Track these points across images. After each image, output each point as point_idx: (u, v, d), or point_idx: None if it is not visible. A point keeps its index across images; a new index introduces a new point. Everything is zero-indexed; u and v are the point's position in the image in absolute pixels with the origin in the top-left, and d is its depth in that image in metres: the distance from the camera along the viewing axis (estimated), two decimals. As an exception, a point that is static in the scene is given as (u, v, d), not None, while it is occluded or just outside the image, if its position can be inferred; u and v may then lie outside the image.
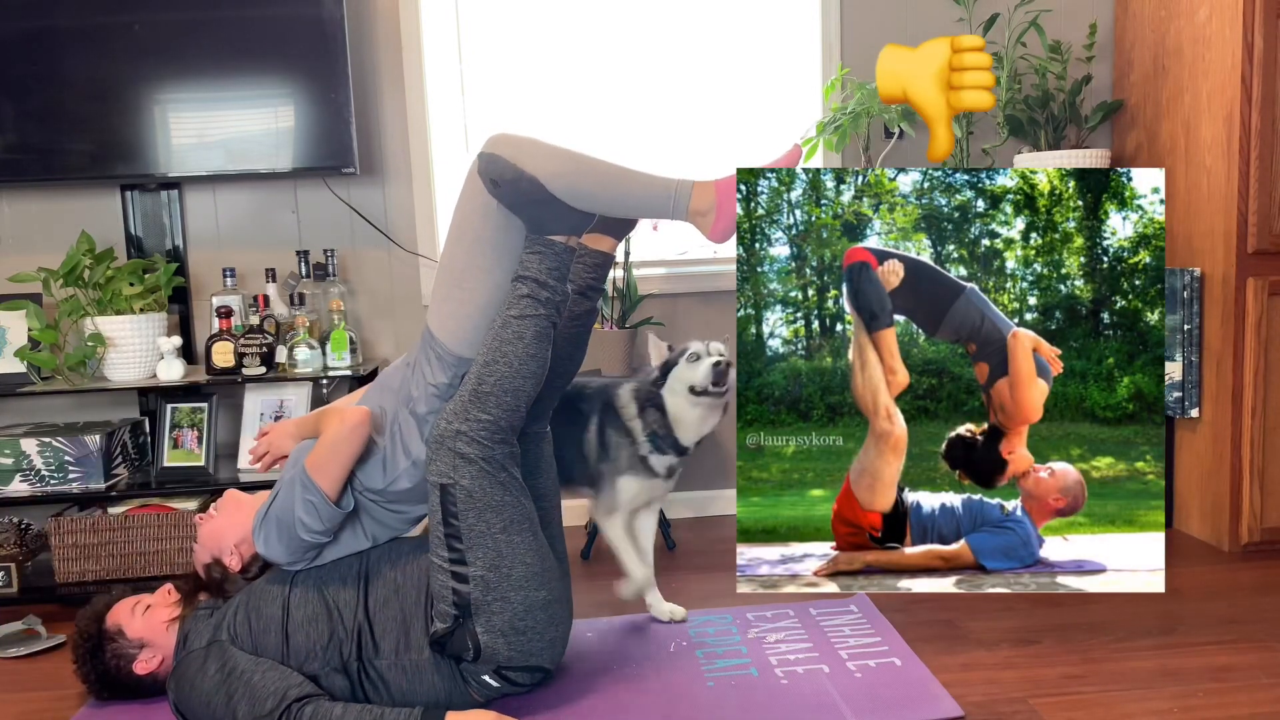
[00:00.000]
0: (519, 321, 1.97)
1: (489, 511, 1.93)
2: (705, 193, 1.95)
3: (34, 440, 2.76)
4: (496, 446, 1.96)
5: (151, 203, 3.10)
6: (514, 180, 1.92)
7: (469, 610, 1.92)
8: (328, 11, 2.90)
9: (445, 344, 2.02)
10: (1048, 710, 1.97)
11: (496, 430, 1.95)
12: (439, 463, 1.94)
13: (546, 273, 1.99)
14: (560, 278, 2.01)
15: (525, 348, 1.96)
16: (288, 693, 1.85)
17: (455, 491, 1.93)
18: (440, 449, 1.94)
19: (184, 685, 1.94)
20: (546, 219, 1.97)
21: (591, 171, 1.96)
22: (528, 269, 1.99)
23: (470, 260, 2.01)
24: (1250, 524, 2.83)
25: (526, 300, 1.97)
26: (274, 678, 1.89)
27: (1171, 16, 2.99)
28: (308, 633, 1.98)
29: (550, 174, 1.93)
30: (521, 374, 1.97)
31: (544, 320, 1.99)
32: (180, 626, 2.06)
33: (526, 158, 1.93)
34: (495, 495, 1.94)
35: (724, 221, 1.97)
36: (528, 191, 1.93)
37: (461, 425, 1.94)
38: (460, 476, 1.93)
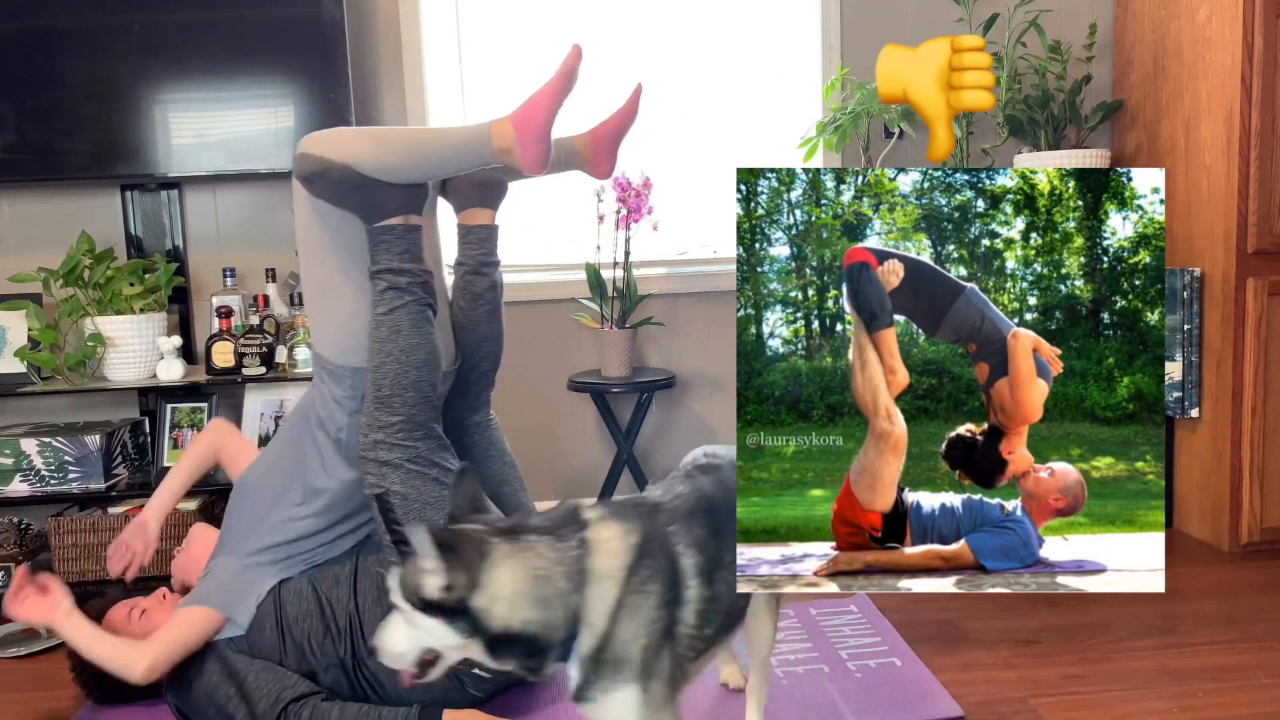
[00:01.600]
0: (390, 316, 1.94)
1: (428, 509, 1.92)
2: (504, 129, 1.94)
3: (34, 440, 2.76)
4: (418, 443, 1.94)
5: (151, 203, 3.10)
6: (324, 171, 1.91)
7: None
8: (328, 11, 2.90)
9: (329, 358, 2.01)
10: (1048, 710, 1.97)
11: (412, 426, 1.94)
12: (368, 475, 1.94)
13: (397, 258, 1.95)
14: (413, 258, 1.97)
15: (406, 339, 1.94)
16: (281, 695, 1.85)
17: (389, 499, 1.92)
18: (366, 463, 1.94)
19: (182, 688, 1.94)
20: (375, 203, 1.94)
21: (395, 143, 1.95)
22: (378, 261, 1.96)
23: (323, 269, 2.00)
24: (1250, 524, 2.83)
25: (390, 292, 1.95)
26: (268, 679, 1.88)
27: (1171, 16, 2.99)
28: (303, 628, 1.98)
29: (356, 156, 1.91)
30: (413, 365, 1.94)
31: (414, 305, 1.96)
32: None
33: (332, 148, 1.92)
34: (430, 492, 1.93)
35: (530, 151, 1.94)
36: (340, 179, 1.91)
37: (377, 434, 1.93)
38: (390, 483, 1.92)
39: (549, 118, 1.94)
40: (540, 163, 1.96)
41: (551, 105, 1.94)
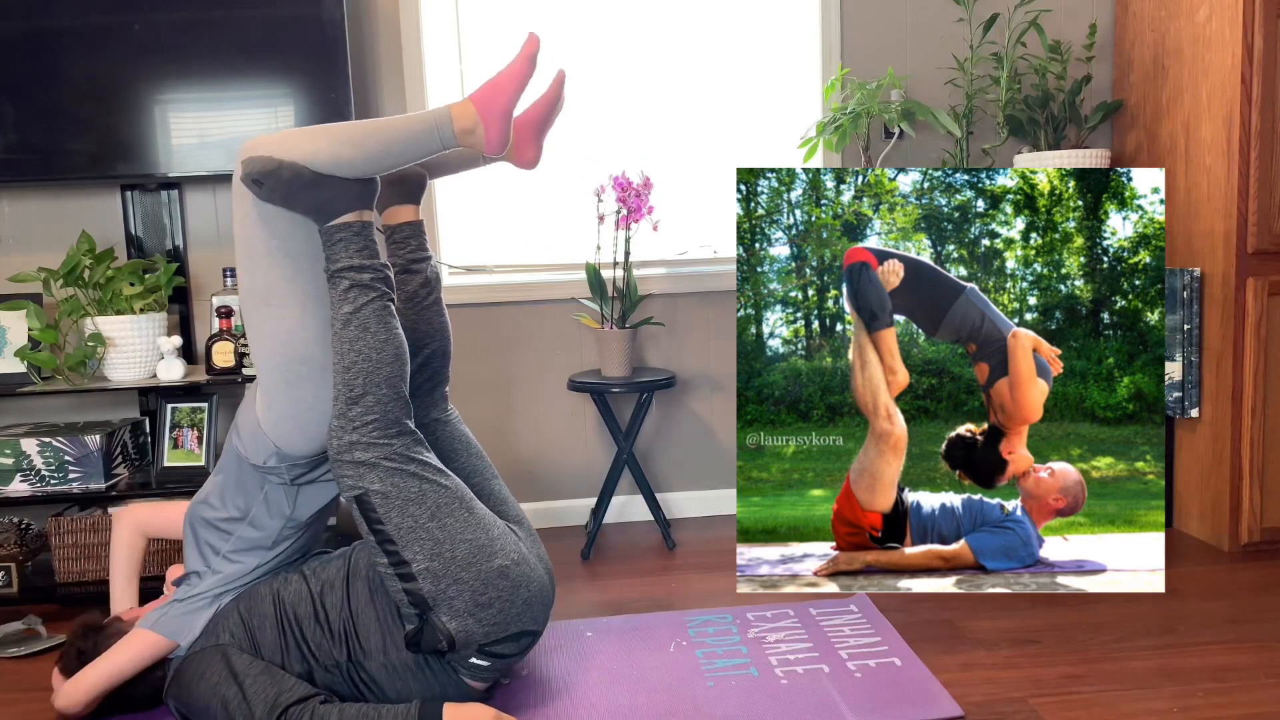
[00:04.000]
0: (357, 314, 1.92)
1: (410, 505, 1.91)
2: (465, 111, 1.94)
3: (34, 440, 2.76)
4: (394, 440, 1.93)
5: (152, 203, 3.10)
6: (274, 171, 1.88)
7: (427, 604, 1.90)
8: (328, 11, 2.90)
9: (275, 367, 1.96)
10: (1048, 710, 1.97)
11: (388, 424, 1.93)
12: (345, 478, 1.92)
13: (356, 254, 1.93)
14: (371, 254, 1.95)
15: (375, 335, 1.92)
16: (279, 699, 1.84)
17: (370, 499, 1.90)
18: (341, 465, 1.92)
19: (183, 690, 1.94)
20: (326, 201, 1.91)
21: (350, 135, 1.92)
22: (336, 260, 1.93)
23: (269, 275, 1.95)
24: (1250, 524, 2.83)
25: (354, 290, 1.92)
26: (265, 683, 1.88)
27: (1171, 16, 2.99)
28: (303, 628, 1.98)
29: (309, 153, 1.89)
30: (384, 361, 1.93)
31: (378, 301, 1.94)
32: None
33: (282, 149, 1.90)
34: (411, 488, 1.92)
35: (494, 131, 1.94)
36: (291, 178, 1.88)
37: (351, 435, 1.91)
38: (369, 483, 1.90)
39: (512, 100, 1.95)
40: (502, 143, 1.96)
41: (514, 88, 1.95)
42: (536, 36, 1.98)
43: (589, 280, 3.09)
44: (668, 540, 3.09)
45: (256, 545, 2.07)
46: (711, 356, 3.37)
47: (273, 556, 2.09)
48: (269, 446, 1.99)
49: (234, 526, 2.07)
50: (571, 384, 3.05)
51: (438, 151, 1.97)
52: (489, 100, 1.94)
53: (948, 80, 3.31)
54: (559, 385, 3.35)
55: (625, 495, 3.40)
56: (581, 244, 3.32)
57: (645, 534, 3.25)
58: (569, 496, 3.40)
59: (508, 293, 3.29)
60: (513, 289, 3.29)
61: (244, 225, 1.95)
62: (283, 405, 1.97)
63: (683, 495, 3.41)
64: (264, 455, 2.00)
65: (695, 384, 3.38)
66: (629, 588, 2.75)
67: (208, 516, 2.08)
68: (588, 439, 3.37)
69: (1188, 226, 2.96)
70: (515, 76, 1.95)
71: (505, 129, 1.95)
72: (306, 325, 1.96)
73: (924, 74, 3.31)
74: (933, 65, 3.31)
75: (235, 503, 2.06)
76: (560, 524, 3.38)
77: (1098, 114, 3.18)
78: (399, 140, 1.93)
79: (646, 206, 3.01)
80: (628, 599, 2.66)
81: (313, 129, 1.94)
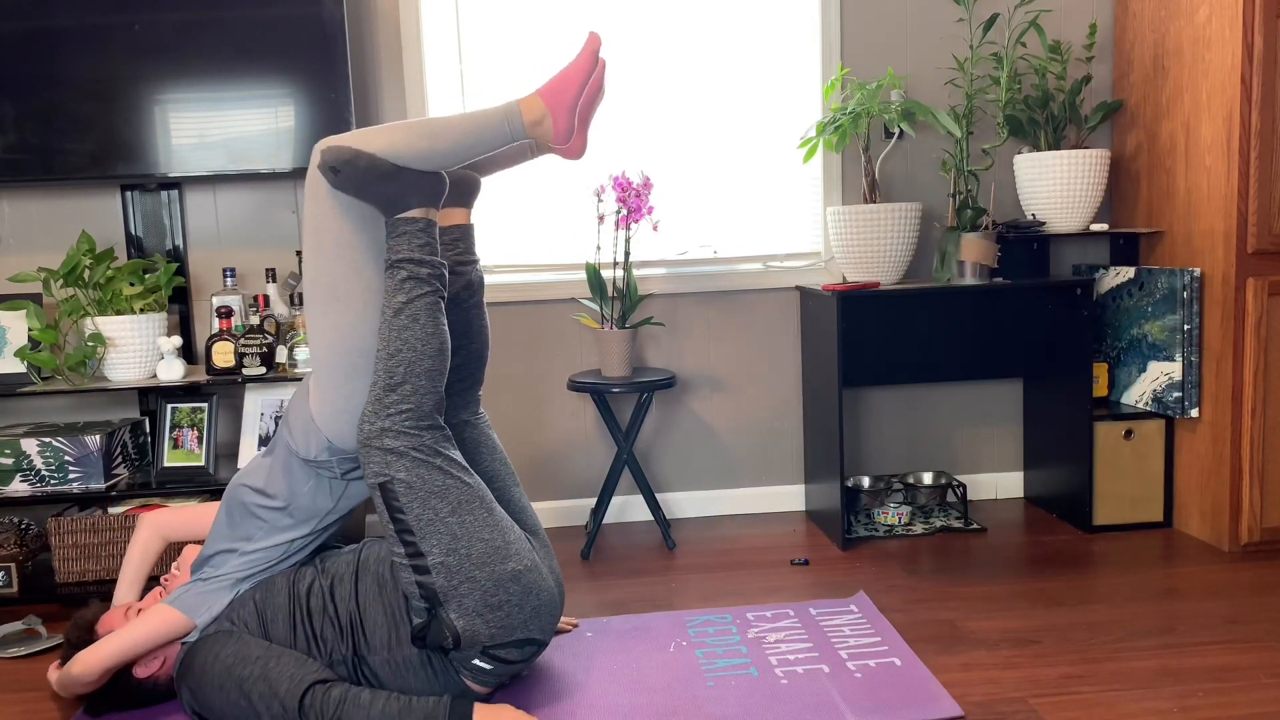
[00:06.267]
0: (409, 305, 1.96)
1: (433, 498, 1.92)
2: (533, 103, 1.99)
3: (34, 440, 2.76)
4: (424, 433, 1.95)
5: (151, 203, 3.10)
6: (352, 159, 1.92)
7: (438, 599, 1.91)
8: (328, 11, 2.90)
9: (334, 359, 2.00)
10: (1048, 710, 1.97)
11: (420, 416, 1.95)
12: (371, 464, 1.94)
13: (418, 249, 1.98)
14: (432, 251, 2.00)
15: (423, 327, 1.96)
16: (305, 677, 1.86)
17: (394, 487, 1.92)
18: (370, 451, 1.94)
19: (194, 674, 1.93)
20: (397, 193, 1.97)
21: (424, 128, 1.98)
22: (398, 252, 1.98)
23: (337, 267, 1.99)
24: (1250, 524, 2.83)
25: (409, 282, 1.97)
26: (289, 662, 1.90)
27: (1171, 16, 2.99)
28: (313, 622, 1.99)
29: (386, 144, 1.95)
30: (427, 354, 1.96)
31: (431, 296, 1.98)
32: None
33: (360, 141, 1.95)
34: (435, 481, 1.93)
35: (561, 122, 2.00)
36: (367, 167, 1.93)
37: (384, 422, 1.93)
38: (395, 471, 1.92)
39: (578, 92, 2.00)
40: (568, 133, 2.01)
41: (581, 81, 2.00)
42: (598, 34, 2.04)
43: (589, 280, 3.09)
44: (668, 540, 3.09)
45: (289, 534, 2.09)
46: (711, 356, 3.37)
47: (301, 547, 2.11)
48: (321, 440, 2.03)
49: (271, 515, 2.08)
50: (571, 384, 3.05)
51: (507, 143, 2.02)
52: (557, 93, 1.99)
53: (948, 80, 3.31)
54: (559, 385, 3.35)
55: (625, 495, 3.40)
56: (581, 244, 3.32)
57: (645, 534, 3.25)
58: (569, 496, 3.40)
59: (508, 292, 3.29)
60: (513, 289, 3.29)
61: (316, 218, 1.99)
62: (337, 397, 2.01)
63: (683, 495, 3.41)
64: (316, 449, 2.04)
65: (695, 384, 3.38)
66: (629, 588, 2.75)
67: (247, 501, 2.10)
68: (588, 439, 3.37)
69: (1188, 226, 2.96)
70: (581, 70, 2.00)
71: (571, 120, 2.01)
72: (368, 317, 2.00)
73: (924, 74, 3.31)
74: (933, 65, 3.31)
75: (278, 490, 2.09)
76: (560, 524, 3.38)
77: (1098, 114, 3.18)
78: (473, 132, 1.98)
79: (646, 206, 3.01)
80: (628, 599, 2.66)
81: (389, 124, 1.99)
